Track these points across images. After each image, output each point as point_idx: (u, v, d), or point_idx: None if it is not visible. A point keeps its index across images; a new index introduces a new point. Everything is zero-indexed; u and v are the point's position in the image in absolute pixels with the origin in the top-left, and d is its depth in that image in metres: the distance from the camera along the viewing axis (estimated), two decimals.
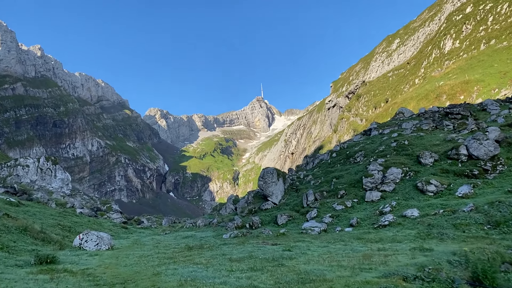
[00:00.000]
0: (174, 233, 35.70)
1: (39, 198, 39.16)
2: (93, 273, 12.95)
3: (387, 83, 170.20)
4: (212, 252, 17.91)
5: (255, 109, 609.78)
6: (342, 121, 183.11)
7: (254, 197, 38.90)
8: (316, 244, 18.33)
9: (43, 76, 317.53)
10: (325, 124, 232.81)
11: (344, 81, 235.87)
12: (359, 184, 31.95)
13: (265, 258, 14.33)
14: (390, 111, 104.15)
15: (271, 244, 19.38)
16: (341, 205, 29.23)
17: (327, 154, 45.70)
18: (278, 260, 13.80)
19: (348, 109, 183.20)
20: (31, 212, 30.43)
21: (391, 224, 22.67)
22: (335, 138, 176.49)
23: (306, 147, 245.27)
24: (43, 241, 21.74)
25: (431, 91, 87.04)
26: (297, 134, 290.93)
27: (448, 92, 78.00)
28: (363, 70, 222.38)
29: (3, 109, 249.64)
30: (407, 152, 34.50)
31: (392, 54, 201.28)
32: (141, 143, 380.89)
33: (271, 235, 25.72)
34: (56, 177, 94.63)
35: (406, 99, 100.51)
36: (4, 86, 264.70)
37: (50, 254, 15.44)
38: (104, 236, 22.53)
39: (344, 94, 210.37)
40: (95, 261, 16.58)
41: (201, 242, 24.88)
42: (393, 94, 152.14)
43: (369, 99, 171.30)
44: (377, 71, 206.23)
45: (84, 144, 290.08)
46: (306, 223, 26.91)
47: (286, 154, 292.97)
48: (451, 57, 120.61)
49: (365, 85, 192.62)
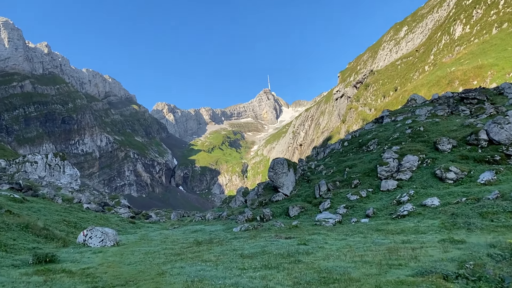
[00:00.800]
0: (182, 227, 34.73)
1: (45, 194, 38.43)
2: (93, 273, 11.91)
3: (396, 72, 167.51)
4: (222, 248, 16.78)
5: (262, 101, 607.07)
6: (350, 111, 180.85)
7: (264, 189, 37.77)
8: (333, 237, 17.14)
9: (51, 73, 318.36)
10: (333, 114, 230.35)
11: (351, 71, 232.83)
12: (373, 173, 30.61)
13: (280, 254, 13.15)
14: (400, 99, 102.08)
15: (284, 237, 18.22)
16: (356, 195, 27.96)
17: (339, 143, 44.31)
18: (294, 256, 12.63)
19: (356, 99, 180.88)
20: (35, 208, 29.60)
21: (411, 214, 21.38)
22: (344, 129, 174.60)
23: (314, 138, 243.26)
24: (46, 238, 20.83)
25: (443, 77, 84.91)
26: (305, 126, 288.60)
27: (461, 77, 75.86)
28: (371, 59, 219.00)
29: (13, 106, 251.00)
30: (423, 138, 33.04)
31: (400, 42, 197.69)
32: (149, 137, 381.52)
33: (284, 227, 24.60)
34: (64, 173, 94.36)
35: (417, 86, 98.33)
36: (12, 84, 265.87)
37: (50, 253, 14.45)
38: (109, 232, 21.56)
39: (352, 84, 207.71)
40: (98, 259, 15.58)
41: (210, 237, 23.84)
42: (402, 82, 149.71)
43: (378, 88, 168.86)
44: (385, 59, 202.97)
45: (93, 140, 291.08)
46: (319, 214, 25.72)
47: (295, 146, 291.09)
48: (461, 43, 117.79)
49: (373, 74, 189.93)
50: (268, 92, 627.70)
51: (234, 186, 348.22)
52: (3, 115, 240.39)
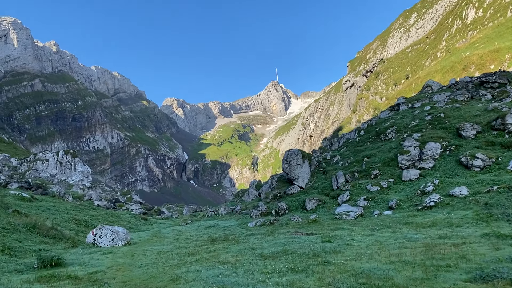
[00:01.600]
0: (195, 222, 33.76)
1: (55, 192, 37.70)
2: (100, 279, 10.85)
3: (406, 59, 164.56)
4: (239, 246, 15.62)
5: (271, 93, 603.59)
6: (361, 100, 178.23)
7: (278, 181, 36.55)
8: (358, 232, 15.89)
9: (60, 71, 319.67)
10: (343, 105, 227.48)
11: (361, 60, 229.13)
12: (393, 162, 29.20)
13: (305, 254, 11.92)
14: (414, 86, 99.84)
15: (305, 234, 17.00)
16: (376, 186, 26.62)
17: (354, 132, 42.85)
18: (321, 256, 11.40)
19: (366, 88, 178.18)
20: (44, 207, 28.83)
21: (438, 205, 20.02)
22: (355, 118, 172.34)
23: (324, 129, 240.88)
24: (54, 238, 19.92)
25: (457, 63, 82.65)
26: (315, 117, 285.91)
27: (477, 62, 73.59)
28: (380, 48, 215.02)
29: (24, 105, 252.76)
30: (444, 125, 31.49)
31: (410, 29, 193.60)
32: (160, 133, 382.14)
33: (301, 222, 23.41)
34: (76, 170, 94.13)
35: (430, 72, 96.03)
36: (23, 83, 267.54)
37: (55, 256, 13.44)
38: (120, 230, 20.58)
39: (362, 73, 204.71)
40: (107, 261, 14.56)
41: (225, 233, 22.76)
42: (414, 70, 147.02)
43: (388, 77, 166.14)
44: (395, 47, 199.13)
45: (104, 136, 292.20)
46: (339, 207, 24.45)
47: (305, 137, 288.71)
48: (474, 27, 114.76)
49: (383, 63, 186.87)
50: (276, 84, 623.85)
51: (245, 179, 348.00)
52: (14, 114, 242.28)
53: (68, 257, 15.15)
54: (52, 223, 22.25)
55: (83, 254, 16.84)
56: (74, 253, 17.07)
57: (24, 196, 29.89)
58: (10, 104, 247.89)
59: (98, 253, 17.11)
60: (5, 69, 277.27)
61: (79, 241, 21.02)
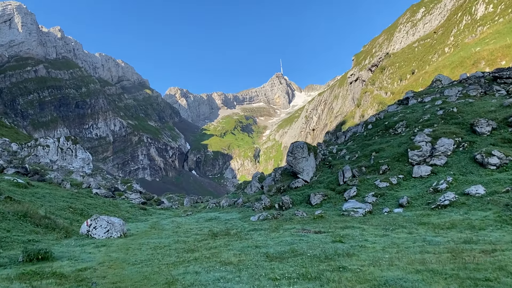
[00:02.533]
0: (196, 214, 32.74)
1: (52, 178, 36.67)
2: (88, 278, 9.78)
3: (413, 54, 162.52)
4: (242, 243, 14.51)
5: (274, 85, 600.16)
6: (365, 95, 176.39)
7: (282, 174, 35.45)
8: (371, 232, 14.75)
9: (64, 58, 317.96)
10: (347, 99, 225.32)
11: (366, 54, 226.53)
12: (403, 157, 28.01)
13: (316, 256, 10.79)
14: (421, 81, 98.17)
15: (313, 231, 15.87)
16: (385, 182, 25.48)
17: (361, 126, 41.59)
18: (334, 259, 10.26)
19: (371, 82, 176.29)
20: (39, 194, 27.79)
21: (453, 204, 18.87)
22: (358, 113, 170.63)
23: (327, 123, 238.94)
24: (47, 228, 18.88)
25: (467, 58, 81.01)
26: (318, 110, 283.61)
27: (487, 57, 71.97)
28: (387, 42, 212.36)
29: (27, 91, 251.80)
30: (457, 120, 30.24)
31: (417, 24, 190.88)
32: (162, 122, 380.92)
33: (306, 217, 22.33)
34: (76, 157, 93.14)
35: (438, 67, 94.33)
36: (26, 68, 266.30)
37: (43, 249, 12.38)
38: (116, 221, 19.53)
39: (367, 67, 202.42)
40: (100, 256, 13.50)
41: (226, 226, 21.69)
42: (420, 65, 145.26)
43: (394, 71, 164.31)
44: (401, 42, 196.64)
45: (107, 124, 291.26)
46: (346, 203, 23.33)
47: (307, 131, 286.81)
48: (484, 23, 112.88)
49: (389, 57, 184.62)
50: (280, 76, 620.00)
51: (246, 171, 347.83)
52: (18, 100, 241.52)
53: (58, 250, 14.11)
54: (45, 212, 21.24)
55: (75, 246, 15.81)
56: (66, 245, 16.05)
57: (19, 182, 28.87)
58: (13, 89, 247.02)
59: (91, 245, 16.07)
60: (9, 54, 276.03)
61: (73, 231, 20.00)
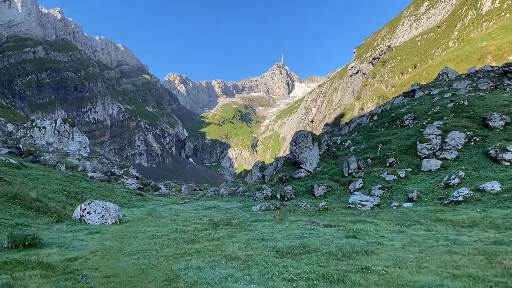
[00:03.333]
0: (194, 202, 31.78)
1: (47, 160, 35.54)
2: (78, 270, 8.77)
3: (415, 48, 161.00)
4: (247, 235, 13.48)
5: (275, 75, 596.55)
6: (365, 88, 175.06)
7: (284, 164, 34.43)
8: (385, 227, 13.76)
9: (64, 40, 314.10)
10: (346, 91, 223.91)
11: (368, 47, 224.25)
12: (411, 150, 27.00)
13: (331, 253, 9.78)
14: (424, 75, 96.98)
15: (322, 225, 14.88)
16: (392, 175, 24.50)
17: (366, 117, 40.49)
18: (352, 257, 9.27)
19: (372, 76, 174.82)
20: (32, 176, 26.73)
21: (468, 200, 17.92)
22: (358, 106, 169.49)
23: (326, 114, 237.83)
24: (38, 211, 17.86)
25: (473, 52, 79.84)
26: (318, 102, 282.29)
27: (494, 52, 70.81)
28: (389, 35, 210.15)
29: (25, 72, 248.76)
30: (468, 114, 29.19)
31: (420, 18, 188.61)
32: (161, 108, 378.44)
33: (311, 209, 21.36)
34: (73, 140, 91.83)
35: (443, 61, 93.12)
36: (25, 49, 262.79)
37: (30, 235, 11.36)
38: (111, 207, 18.51)
39: (368, 60, 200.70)
40: (93, 243, 12.49)
41: (227, 216, 20.71)
42: (422, 59, 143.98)
43: (396, 65, 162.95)
44: (404, 35, 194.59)
45: (105, 108, 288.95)
46: (352, 196, 22.34)
47: (306, 122, 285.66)
48: (490, 18, 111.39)
49: (391, 50, 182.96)
50: (281, 66, 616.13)
51: (244, 160, 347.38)
52: (16, 80, 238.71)
53: (47, 236, 13.08)
54: (37, 194, 20.18)
55: (67, 232, 14.80)
56: (57, 230, 15.04)
57: (11, 163, 27.76)
58: (11, 69, 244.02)
59: (84, 231, 15.06)
60: (8, 34, 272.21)
61: (66, 215, 19.00)
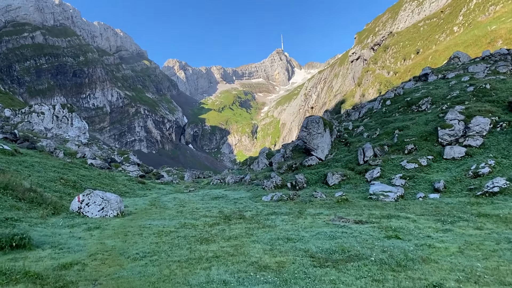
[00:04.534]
0: (199, 191, 30.19)
1: (44, 146, 33.79)
2: (74, 282, 7.12)
3: (418, 34, 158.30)
4: (269, 233, 11.80)
5: (274, 61, 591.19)
6: (367, 74, 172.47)
7: (293, 151, 32.75)
8: (425, 224, 12.08)
9: (62, 25, 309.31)
10: (347, 77, 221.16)
11: (369, 32, 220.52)
12: (432, 137, 25.29)
13: (382, 261, 8.05)
14: (430, 60, 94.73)
15: (353, 221, 13.21)
16: (413, 163, 22.82)
17: (378, 101, 38.67)
18: (410, 268, 7.51)
19: (374, 62, 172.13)
20: (28, 163, 25.03)
21: (505, 192, 16.28)
22: (359, 92, 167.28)
23: (326, 101, 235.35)
24: (31, 202, 16.20)
25: (482, 37, 77.67)
26: (318, 88, 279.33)
27: (505, 36, 68.68)
28: (391, 20, 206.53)
29: (24, 57, 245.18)
30: (491, 98, 27.42)
31: (423, 3, 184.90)
32: (160, 94, 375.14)
33: (328, 200, 19.73)
34: (72, 125, 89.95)
35: (449, 46, 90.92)
36: (23, 34, 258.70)
37: (18, 234, 9.71)
38: (112, 198, 16.85)
39: (369, 46, 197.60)
40: (92, 243, 10.85)
41: (238, 207, 19.09)
42: (426, 44, 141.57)
43: (398, 51, 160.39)
44: (406, 21, 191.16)
45: (104, 94, 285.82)
46: (373, 186, 20.68)
47: (306, 109, 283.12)
48: (497, 2, 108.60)
49: (392, 36, 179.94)
50: (281, 52, 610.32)
51: (243, 147, 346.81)
52: (14, 66, 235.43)
53: (39, 233, 11.44)
54: (31, 183, 18.50)
55: (63, 227, 13.16)
56: (52, 225, 13.39)
57: (5, 149, 26.03)
58: (10, 55, 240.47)
59: (82, 226, 13.43)
60: (5, 19, 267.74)
61: (63, 207, 17.34)
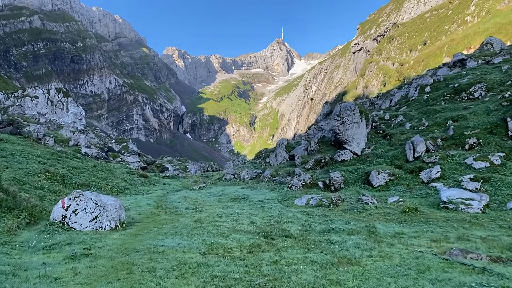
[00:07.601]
0: (211, 187, 25.73)
1: (31, 132, 29.21)
2: None
3: (424, 24, 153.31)
4: (356, 280, 7.37)
5: (274, 52, 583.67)
6: (370, 65, 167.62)
7: (319, 144, 28.29)
8: None
9: (60, 10, 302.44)
10: (348, 69, 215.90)
11: (372, 23, 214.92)
12: (498, 129, 20.88)
13: None
14: (446, 49, 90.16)
15: (488, 258, 8.64)
16: (483, 161, 18.42)
17: (414, 89, 34.11)
18: None
19: (377, 53, 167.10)
20: (7, 151, 20.55)
21: None
22: (362, 83, 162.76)
23: (326, 92, 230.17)
24: None
25: (507, 24, 73.48)
26: (318, 79, 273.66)
27: None
28: (395, 11, 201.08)
29: (21, 42, 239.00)
30: None
31: None
32: (159, 82, 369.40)
33: (383, 207, 15.35)
34: (68, 111, 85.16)
35: (468, 35, 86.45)
36: (21, 18, 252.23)
37: None
38: (109, 203, 12.35)
39: (373, 37, 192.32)
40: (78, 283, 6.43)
41: (271, 215, 14.64)
42: (433, 35, 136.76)
43: (403, 42, 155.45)
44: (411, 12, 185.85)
45: (102, 81, 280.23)
46: (446, 191, 16.22)
47: (305, 100, 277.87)
48: None
49: (397, 27, 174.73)
50: (281, 42, 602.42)
51: (241, 137, 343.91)
52: (11, 50, 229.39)
53: None
54: (3, 179, 14.02)
55: (35, 252, 8.72)
56: (19, 247, 8.94)
57: None
58: (7, 39, 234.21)
59: (64, 250, 8.96)
60: (2, 2, 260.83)
61: (44, 212, 12.90)
